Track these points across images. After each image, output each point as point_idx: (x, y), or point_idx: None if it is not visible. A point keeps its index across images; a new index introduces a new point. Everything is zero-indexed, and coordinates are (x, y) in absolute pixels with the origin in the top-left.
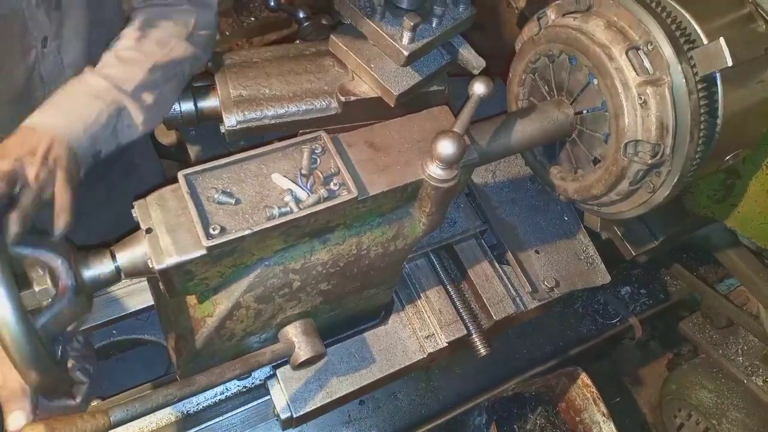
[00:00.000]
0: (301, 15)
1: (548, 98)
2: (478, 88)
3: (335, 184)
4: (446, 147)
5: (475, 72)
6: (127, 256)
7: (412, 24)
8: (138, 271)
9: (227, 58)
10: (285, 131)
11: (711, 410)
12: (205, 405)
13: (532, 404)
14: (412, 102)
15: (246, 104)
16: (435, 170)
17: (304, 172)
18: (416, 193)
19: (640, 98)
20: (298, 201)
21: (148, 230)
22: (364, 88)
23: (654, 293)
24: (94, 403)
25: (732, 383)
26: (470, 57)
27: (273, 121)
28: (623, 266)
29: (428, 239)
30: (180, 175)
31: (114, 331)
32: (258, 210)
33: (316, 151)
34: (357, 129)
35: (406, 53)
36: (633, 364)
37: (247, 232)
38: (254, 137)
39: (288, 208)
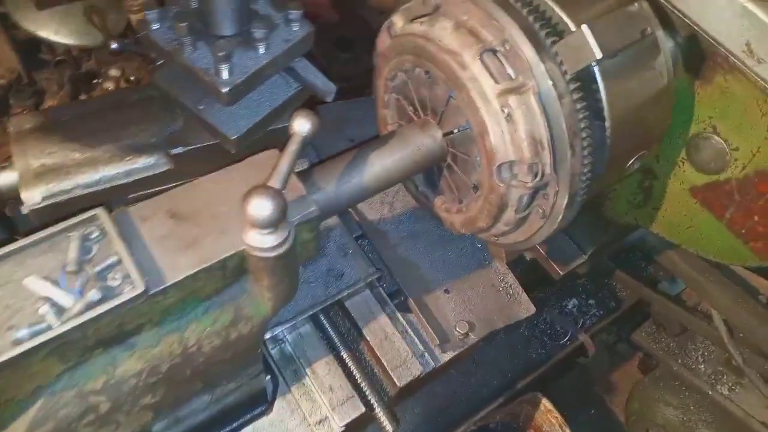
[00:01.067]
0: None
1: (415, 119)
2: (300, 125)
3: (115, 279)
4: (259, 208)
5: (327, 99)
6: None
7: (222, 54)
8: None
9: (26, 122)
10: (108, 200)
11: (678, 429)
12: None
13: None
14: (260, 144)
15: (51, 175)
16: (255, 238)
17: (70, 268)
18: (243, 266)
19: (503, 111)
20: (60, 311)
21: None
22: (199, 135)
23: (603, 302)
24: None
25: (697, 396)
26: (317, 82)
27: (87, 191)
28: (563, 279)
29: (311, 299)
30: None
31: None
32: (1, 333)
33: (91, 237)
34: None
35: (224, 90)
36: (602, 370)
37: None
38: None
39: (44, 324)
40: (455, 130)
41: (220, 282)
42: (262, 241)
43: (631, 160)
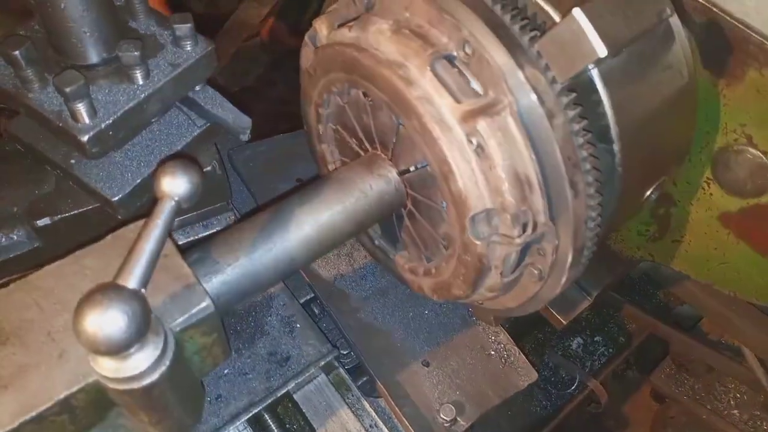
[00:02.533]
0: None
1: (361, 154)
2: (169, 185)
3: None
4: (97, 326)
5: (243, 137)
6: None
7: (72, 89)
8: None
9: None
10: None
11: None
12: None
13: None
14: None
15: None
16: (108, 365)
17: None
18: (105, 399)
19: (471, 141)
20: None
21: None
22: (73, 199)
23: (611, 337)
24: None
25: None
26: (226, 116)
27: None
28: None
29: (248, 396)
30: None
31: None
32: None
33: None
34: None
35: (83, 138)
36: (613, 401)
37: None
38: None
39: None
40: (412, 168)
41: (75, 425)
42: (120, 369)
43: (650, 191)
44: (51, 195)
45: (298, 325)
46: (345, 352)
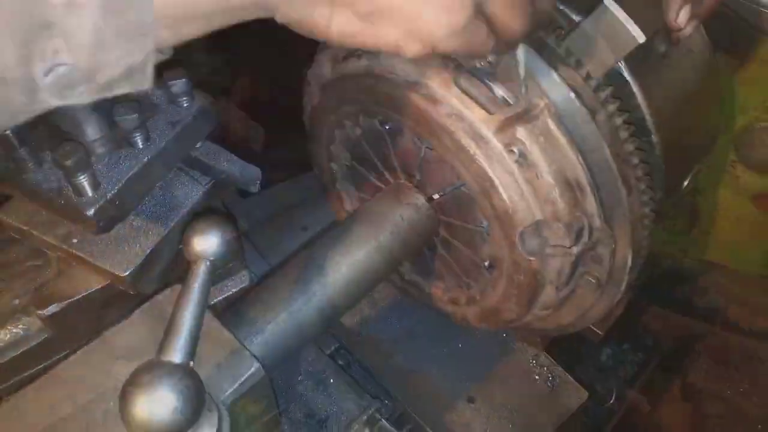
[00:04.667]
0: None
1: (383, 187)
2: (201, 244)
3: None
4: (147, 408)
5: (253, 189)
6: None
7: (70, 163)
8: None
9: None
10: None
11: None
12: None
13: None
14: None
15: None
16: None
17: None
18: None
19: (512, 151)
20: None
21: None
22: (80, 280)
23: (640, 343)
24: None
25: None
26: (233, 170)
27: None
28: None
29: None
30: None
31: None
32: None
33: None
34: None
35: (89, 212)
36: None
37: None
38: None
39: None
40: (442, 192)
41: None
42: None
43: (687, 180)
44: (55, 280)
45: (331, 381)
46: (384, 402)
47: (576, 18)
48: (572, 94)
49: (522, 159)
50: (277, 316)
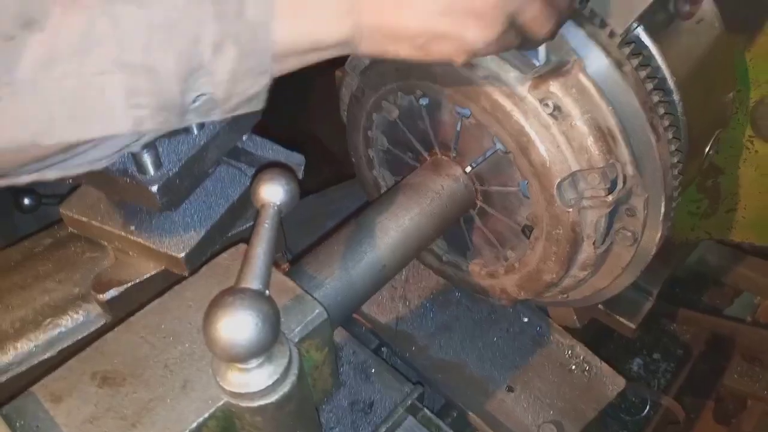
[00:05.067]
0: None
1: (418, 167)
2: (269, 192)
3: None
4: (233, 327)
5: (298, 175)
6: None
7: (139, 142)
8: None
9: None
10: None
11: None
12: None
13: None
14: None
15: None
16: (239, 379)
17: None
18: (231, 428)
19: (547, 105)
20: None
21: None
22: (136, 267)
23: (670, 353)
24: None
25: None
26: (278, 158)
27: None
28: (617, 338)
29: None
30: None
31: None
32: None
33: None
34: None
35: (154, 188)
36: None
37: None
38: None
39: None
40: (477, 162)
41: None
42: (251, 383)
43: (709, 144)
44: (112, 268)
45: (373, 370)
46: (425, 392)
47: None
48: (599, 49)
49: (557, 111)
50: (333, 273)
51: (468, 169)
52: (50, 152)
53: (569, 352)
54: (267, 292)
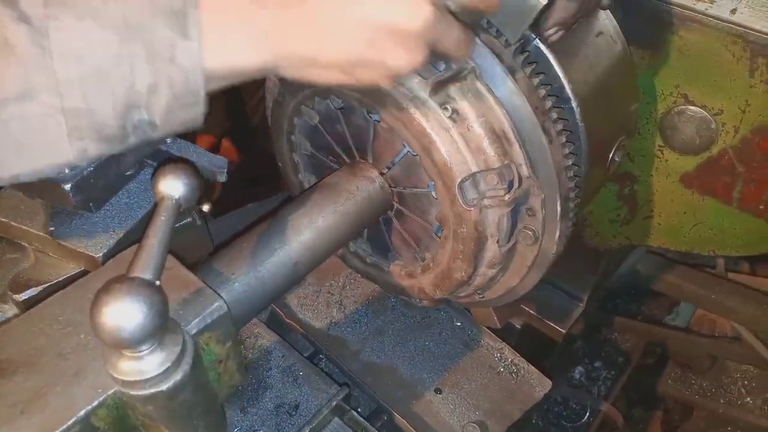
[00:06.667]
0: None
1: None
2: (167, 186)
3: None
4: (117, 313)
5: (221, 178)
6: None
7: None
8: None
9: None
10: None
11: None
12: None
13: None
14: None
15: None
16: (128, 365)
17: None
18: (125, 423)
19: (446, 109)
20: None
21: None
22: (54, 268)
23: (611, 360)
24: None
25: None
26: (202, 161)
27: None
28: (561, 347)
29: None
30: None
31: None
32: None
33: None
34: None
35: (67, 187)
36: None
37: None
38: None
39: None
40: (392, 162)
41: None
42: (141, 371)
43: (612, 150)
44: (31, 268)
45: (301, 373)
46: (353, 395)
47: None
48: (493, 57)
49: (455, 114)
50: (240, 269)
51: (384, 171)
52: (2, 183)
53: (498, 355)
54: (158, 282)
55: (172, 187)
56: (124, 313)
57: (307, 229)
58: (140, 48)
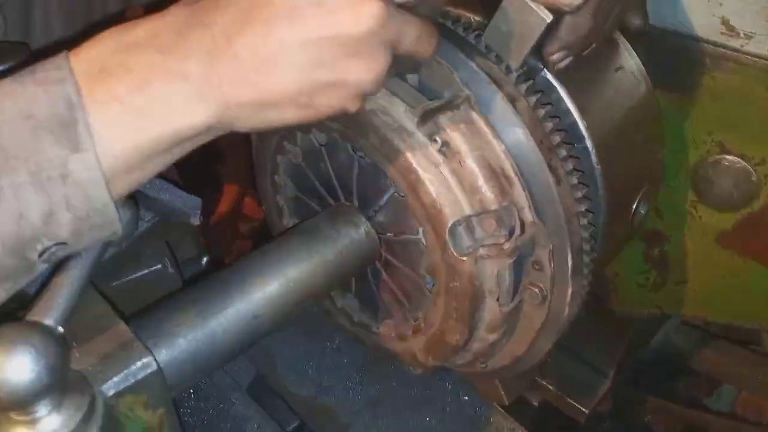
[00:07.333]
0: None
1: None
2: None
3: None
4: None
5: (194, 220)
6: None
7: None
8: None
9: None
10: None
11: None
12: None
13: None
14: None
15: None
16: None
17: None
18: None
19: (435, 141)
20: None
21: None
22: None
23: None
24: None
25: None
26: (175, 200)
27: None
28: (584, 429)
29: None
30: None
31: None
32: None
33: None
34: None
35: None
36: None
37: None
38: None
39: None
40: (379, 205)
41: None
42: None
43: (636, 201)
44: None
45: None
46: None
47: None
48: (491, 84)
49: (445, 147)
50: (187, 320)
51: (371, 215)
52: None
53: None
54: (60, 328)
55: None
56: (7, 364)
57: (274, 278)
58: (23, 174)
